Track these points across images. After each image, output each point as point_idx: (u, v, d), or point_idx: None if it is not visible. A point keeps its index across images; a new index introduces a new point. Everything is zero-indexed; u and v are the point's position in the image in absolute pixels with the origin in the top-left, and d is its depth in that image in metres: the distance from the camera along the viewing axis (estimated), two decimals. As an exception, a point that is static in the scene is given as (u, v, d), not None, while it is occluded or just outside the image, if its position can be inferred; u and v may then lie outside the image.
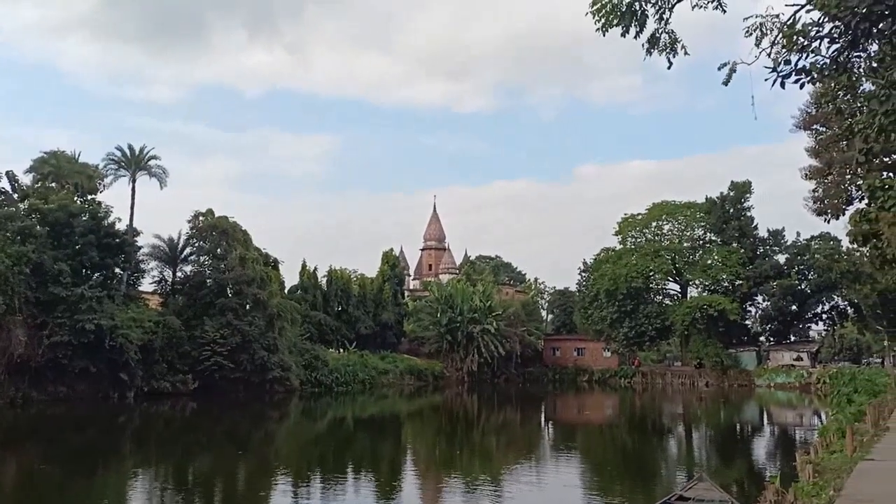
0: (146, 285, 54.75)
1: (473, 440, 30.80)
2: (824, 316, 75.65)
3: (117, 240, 47.58)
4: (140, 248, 52.03)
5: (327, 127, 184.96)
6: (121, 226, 49.45)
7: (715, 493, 12.76)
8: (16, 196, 48.57)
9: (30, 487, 18.64)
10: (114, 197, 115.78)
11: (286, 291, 63.20)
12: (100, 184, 53.21)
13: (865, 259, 49.93)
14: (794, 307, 73.40)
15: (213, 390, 48.31)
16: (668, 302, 75.58)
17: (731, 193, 72.65)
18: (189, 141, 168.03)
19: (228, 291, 51.45)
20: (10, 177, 49.13)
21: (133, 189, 53.89)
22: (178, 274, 55.16)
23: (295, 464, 23.20)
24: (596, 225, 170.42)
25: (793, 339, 75.97)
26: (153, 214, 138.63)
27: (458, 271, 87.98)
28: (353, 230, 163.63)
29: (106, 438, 30.17)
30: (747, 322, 76.28)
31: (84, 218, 46.03)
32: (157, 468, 22.32)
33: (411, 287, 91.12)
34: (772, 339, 76.75)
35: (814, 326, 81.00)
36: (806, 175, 36.06)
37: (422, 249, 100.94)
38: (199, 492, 18.48)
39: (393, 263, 76.15)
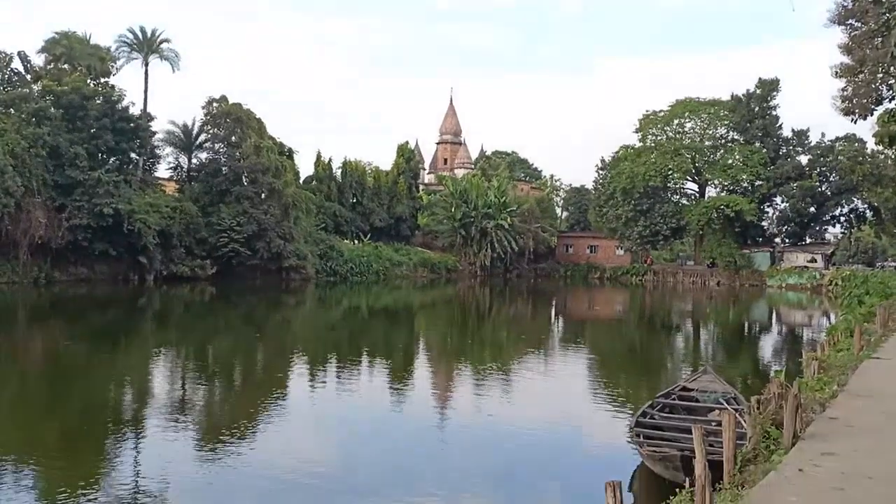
0: (162, 171, 55.15)
1: (484, 331, 31.50)
2: (842, 219, 74.78)
3: (132, 124, 47.40)
4: (155, 133, 52.02)
5: (341, 11, 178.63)
6: (134, 110, 49.32)
7: (718, 385, 13.01)
8: (28, 77, 48.07)
9: (56, 363, 19.43)
10: (126, 81, 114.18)
11: (301, 182, 63.22)
12: (112, 66, 52.43)
13: (890, 161, 48.80)
14: (812, 209, 72.49)
15: (231, 276, 49.46)
16: (684, 202, 74.86)
17: (758, 91, 70.33)
18: (199, 26, 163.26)
19: (244, 180, 51.56)
20: (23, 57, 48.49)
21: (146, 72, 53.17)
22: (194, 161, 55.26)
23: (311, 348, 23.90)
24: (616, 122, 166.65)
25: (808, 241, 75.53)
26: (167, 100, 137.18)
27: (473, 166, 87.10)
28: (368, 122, 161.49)
29: (128, 318, 31.18)
30: (764, 223, 75.66)
31: (98, 101, 45.68)
32: (178, 348, 23.11)
33: (426, 181, 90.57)
34: (787, 240, 76.35)
35: (830, 229, 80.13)
36: (836, 73, 34.48)
37: (437, 143, 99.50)
38: (219, 371, 19.18)
39: (408, 156, 75.46)
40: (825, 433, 7.19)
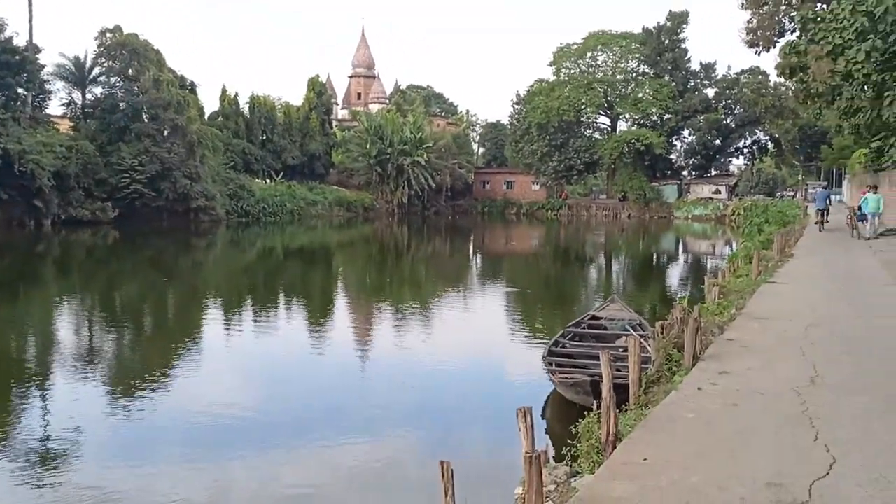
0: (54, 108, 51.75)
1: (403, 269, 31.48)
2: (745, 150, 78.27)
3: (17, 56, 43.95)
4: (43, 66, 48.45)
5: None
6: (19, 41, 45.61)
7: (625, 313, 13.56)
8: None
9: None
10: (7, 9, 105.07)
11: (206, 118, 60.45)
12: (-12, -8, 47.93)
13: (790, 94, 50.96)
14: (717, 141, 75.42)
15: (136, 219, 47.30)
16: (597, 136, 76.41)
17: (668, 24, 71.56)
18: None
19: (144, 116, 48.93)
20: None
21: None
22: (88, 97, 51.93)
23: (224, 292, 23.25)
24: (532, 55, 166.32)
25: (714, 172, 78.81)
26: (55, 31, 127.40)
27: (388, 101, 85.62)
28: (276, 54, 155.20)
29: (25, 266, 29.38)
30: (672, 156, 78.39)
31: (-25, 31, 41.86)
32: (81, 295, 22.03)
33: (339, 117, 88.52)
34: (694, 172, 79.41)
35: (734, 161, 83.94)
36: (743, 5, 35.33)
37: (350, 77, 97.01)
38: (127, 319, 18.39)
39: (319, 91, 73.09)
40: (722, 354, 7.54)
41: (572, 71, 74.85)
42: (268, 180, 63.18)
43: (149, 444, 8.75)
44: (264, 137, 66.61)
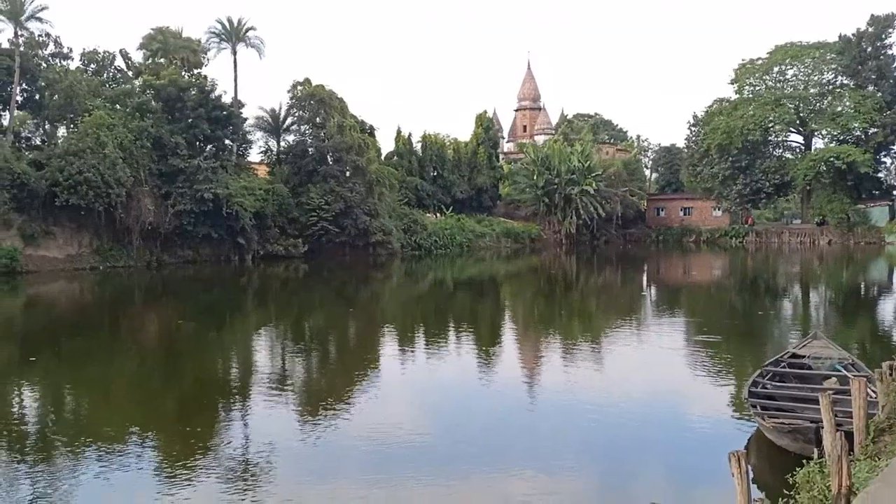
0: (253, 155, 57.17)
1: (572, 301, 30.58)
2: (975, 165, 67.90)
3: (225, 112, 49.20)
4: (246, 119, 53.87)
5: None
6: (226, 98, 51.09)
7: (832, 350, 12.14)
8: (130, 73, 50.81)
9: (171, 340, 20.61)
10: (217, 71, 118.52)
11: (382, 158, 63.92)
12: (204, 57, 54.40)
13: None
14: (939, 155, 66.24)
15: (322, 253, 51.03)
16: (788, 155, 70.66)
17: (870, 29, 64.79)
18: (276, 8, 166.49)
19: (329, 159, 52.62)
20: (124, 55, 51.41)
21: (234, 61, 54.90)
22: (282, 144, 56.88)
23: (401, 321, 24.23)
24: (707, 75, 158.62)
25: (934, 191, 69.22)
26: (255, 86, 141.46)
27: (554, 132, 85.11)
28: (446, 93, 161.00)
29: (231, 297, 32.56)
30: (880, 174, 69.69)
31: (193, 92, 47.57)
32: (277, 323, 23.91)
33: (506, 150, 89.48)
34: (909, 192, 70.33)
35: (961, 177, 73.00)
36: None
37: (516, 110, 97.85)
38: (317, 344, 19.73)
39: (486, 126, 74.52)
40: (973, 400, 6.47)
41: (757, 87, 70.12)
42: (438, 214, 65.26)
43: (333, 463, 9.41)
44: (435, 174, 69.15)
